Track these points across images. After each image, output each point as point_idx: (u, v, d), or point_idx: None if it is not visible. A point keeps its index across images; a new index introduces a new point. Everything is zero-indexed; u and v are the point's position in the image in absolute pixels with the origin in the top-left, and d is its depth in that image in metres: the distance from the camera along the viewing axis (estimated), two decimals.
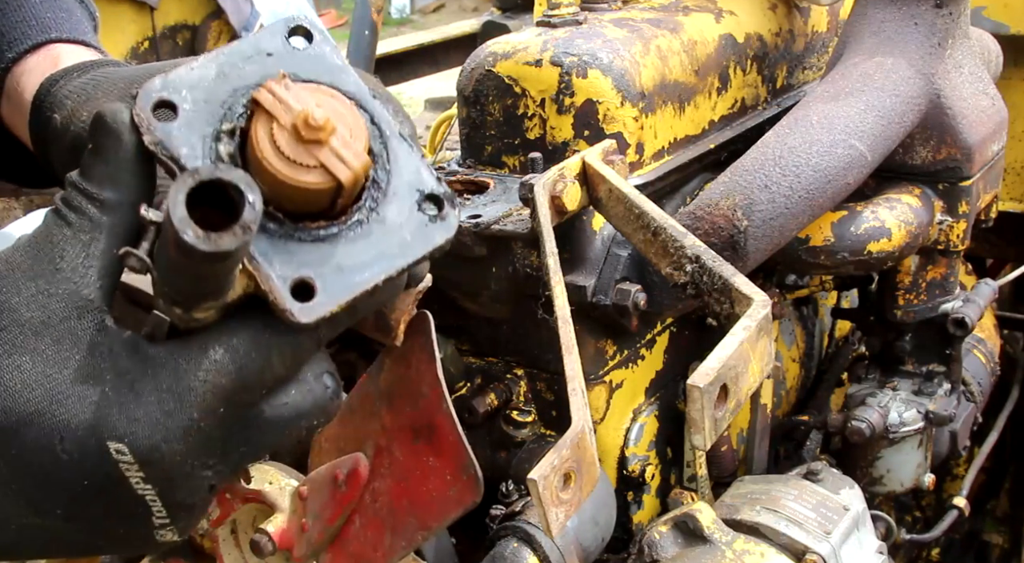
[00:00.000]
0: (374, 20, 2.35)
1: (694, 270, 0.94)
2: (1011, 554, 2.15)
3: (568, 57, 1.14)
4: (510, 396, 1.21)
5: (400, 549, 0.72)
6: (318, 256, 0.54)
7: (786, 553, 1.16)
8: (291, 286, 0.53)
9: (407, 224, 0.57)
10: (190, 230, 0.46)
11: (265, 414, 0.57)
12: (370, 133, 0.57)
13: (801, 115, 1.22)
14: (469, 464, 0.68)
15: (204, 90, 0.55)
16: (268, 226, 0.54)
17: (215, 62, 0.56)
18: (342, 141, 0.53)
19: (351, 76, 0.59)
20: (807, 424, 1.56)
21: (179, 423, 0.53)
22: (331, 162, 0.52)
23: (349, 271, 0.55)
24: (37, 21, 0.80)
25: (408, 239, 0.57)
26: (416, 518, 0.71)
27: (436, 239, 0.57)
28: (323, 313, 0.54)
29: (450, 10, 10.94)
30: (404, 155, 0.58)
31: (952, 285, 1.46)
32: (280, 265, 0.54)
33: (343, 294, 0.54)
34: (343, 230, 0.55)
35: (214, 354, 0.54)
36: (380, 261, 0.55)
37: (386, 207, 0.57)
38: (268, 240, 0.54)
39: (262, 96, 0.53)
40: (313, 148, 0.52)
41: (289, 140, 0.52)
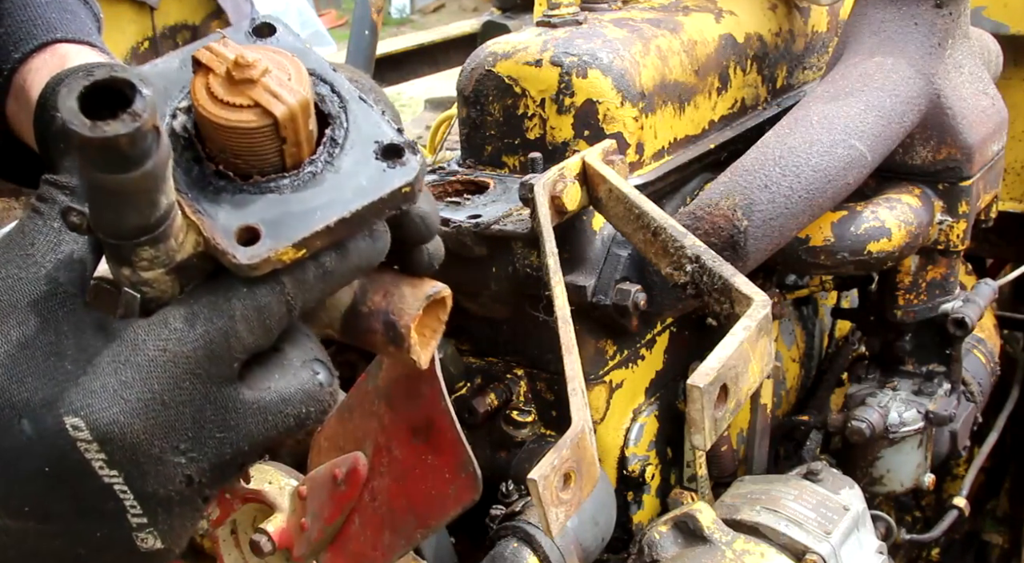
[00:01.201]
0: (374, 20, 2.35)
1: (694, 270, 0.94)
2: (1011, 554, 2.15)
3: (568, 57, 1.14)
4: (510, 396, 1.21)
5: (399, 548, 0.72)
6: (266, 205, 0.54)
7: (786, 553, 1.16)
8: (235, 233, 0.53)
9: (364, 171, 0.56)
10: (76, 120, 0.45)
11: (244, 396, 0.54)
12: (329, 99, 0.58)
13: (801, 115, 1.22)
14: (468, 462, 0.68)
15: (167, 78, 0.56)
16: (218, 183, 0.54)
17: (179, 56, 0.57)
18: (277, 80, 0.53)
19: (313, 57, 0.59)
20: (807, 424, 1.56)
21: (138, 395, 0.51)
22: (264, 98, 0.52)
23: (298, 216, 0.54)
24: (43, 21, 0.81)
25: (364, 184, 0.56)
26: (415, 517, 0.71)
27: (394, 182, 0.56)
28: (267, 254, 0.53)
29: (450, 10, 10.94)
30: (363, 113, 0.58)
31: (952, 285, 1.46)
32: (226, 216, 0.53)
33: (290, 237, 0.53)
34: (294, 180, 0.55)
35: (173, 322, 0.53)
36: (331, 206, 0.55)
37: (342, 159, 0.56)
38: (216, 195, 0.54)
39: (200, 54, 0.53)
40: (246, 87, 0.52)
41: (223, 84, 0.52)
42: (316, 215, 0.54)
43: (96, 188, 0.49)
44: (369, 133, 0.57)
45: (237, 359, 0.54)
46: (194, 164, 0.55)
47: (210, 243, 0.52)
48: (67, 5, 0.84)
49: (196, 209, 0.53)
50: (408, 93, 7.02)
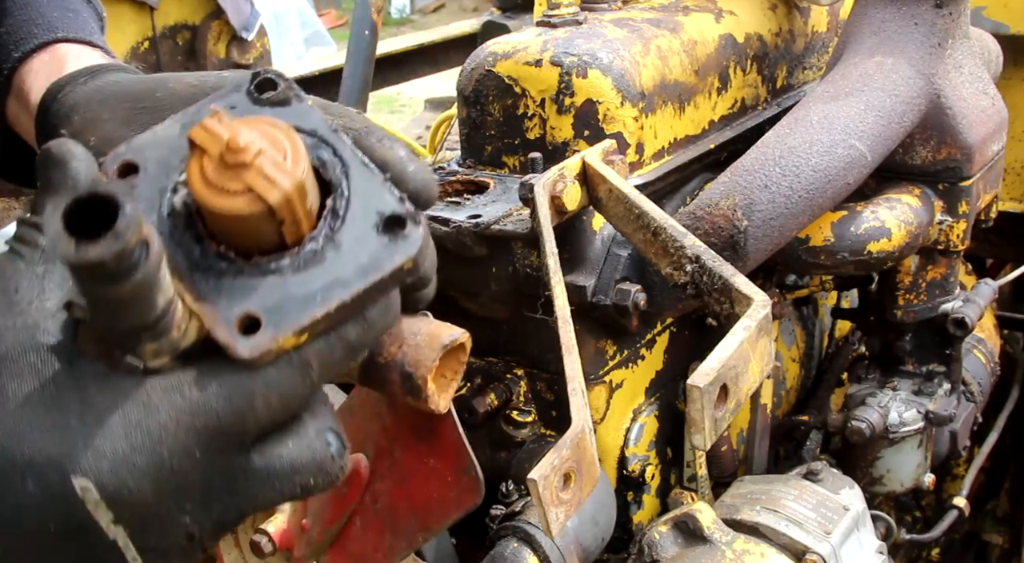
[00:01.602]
0: (374, 20, 2.34)
1: (694, 270, 0.94)
2: (1011, 554, 2.15)
3: (568, 57, 1.14)
4: (510, 396, 1.21)
5: (400, 550, 0.72)
6: (266, 289, 0.53)
7: (786, 553, 1.16)
8: (236, 321, 0.51)
9: (365, 247, 0.54)
10: (61, 242, 0.44)
11: (255, 464, 0.54)
12: (330, 165, 0.56)
13: (801, 115, 1.22)
14: (470, 465, 0.68)
15: (166, 148, 0.55)
16: (219, 265, 0.53)
17: (179, 121, 0.56)
18: (272, 162, 0.51)
19: (313, 115, 0.57)
20: (807, 424, 1.56)
21: (149, 460, 0.50)
22: (258, 183, 0.50)
23: (298, 301, 0.52)
24: (44, 20, 0.80)
25: (365, 262, 0.54)
26: (417, 519, 0.71)
27: (396, 260, 0.54)
28: (269, 346, 0.51)
29: (450, 10, 10.94)
30: (365, 180, 0.56)
31: (952, 285, 1.46)
32: (226, 302, 0.52)
33: (291, 325, 0.52)
34: (294, 260, 0.53)
35: (189, 392, 0.51)
36: (333, 288, 0.53)
37: (342, 233, 0.55)
38: (216, 280, 0.52)
39: (194, 133, 0.51)
40: (239, 172, 0.50)
41: (216, 168, 0.50)
42: (317, 299, 0.53)
43: (90, 297, 0.48)
44: (371, 202, 0.56)
45: (252, 435, 0.53)
46: (195, 244, 0.53)
47: (213, 335, 0.52)
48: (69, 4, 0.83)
49: (197, 296, 0.52)
50: (408, 93, 7.01)
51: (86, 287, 0.47)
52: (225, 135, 0.51)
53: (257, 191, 0.50)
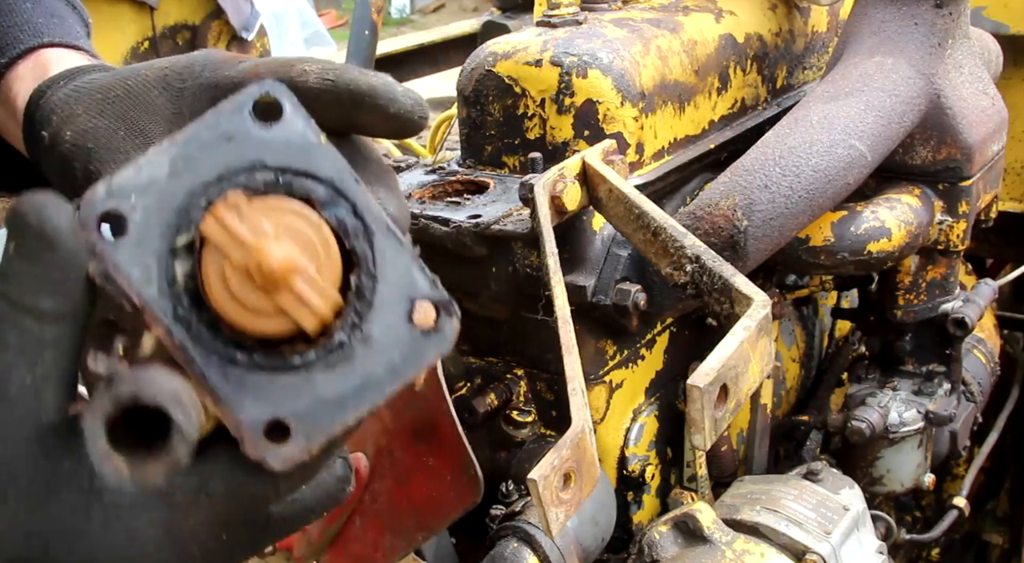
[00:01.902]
0: (374, 20, 2.34)
1: (694, 270, 0.94)
2: (1011, 554, 2.15)
3: (568, 57, 1.14)
4: (510, 396, 1.21)
5: (400, 549, 0.72)
6: (293, 389, 0.48)
7: (786, 553, 1.16)
8: (264, 428, 0.47)
9: (396, 342, 0.49)
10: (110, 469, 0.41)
11: (272, 519, 0.53)
12: (352, 229, 0.49)
13: (801, 115, 1.22)
14: (469, 465, 0.68)
15: (156, 194, 0.47)
16: (233, 355, 0.47)
17: (167, 155, 0.48)
18: (307, 280, 0.46)
19: (328, 157, 0.50)
20: (807, 424, 1.56)
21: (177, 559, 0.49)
22: (292, 307, 0.46)
23: (329, 405, 0.48)
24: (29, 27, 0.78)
25: (397, 360, 0.49)
26: (416, 518, 0.71)
27: (430, 356, 0.49)
28: (301, 457, 0.48)
29: (450, 10, 10.94)
30: (393, 254, 0.50)
31: (952, 285, 1.46)
32: (251, 405, 0.47)
33: (322, 433, 0.48)
34: (320, 354, 0.48)
35: (215, 490, 0.49)
36: (364, 390, 0.49)
37: (371, 322, 0.49)
38: (236, 375, 0.47)
39: (210, 229, 0.46)
40: (270, 293, 0.46)
41: (242, 283, 0.45)
42: (348, 404, 0.48)
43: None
44: (401, 284, 0.50)
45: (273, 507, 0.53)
46: (207, 329, 0.47)
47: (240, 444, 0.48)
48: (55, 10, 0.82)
49: (217, 399, 0.47)
50: None
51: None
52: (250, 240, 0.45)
53: (291, 316, 0.46)
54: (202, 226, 0.46)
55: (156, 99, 0.65)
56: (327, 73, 0.59)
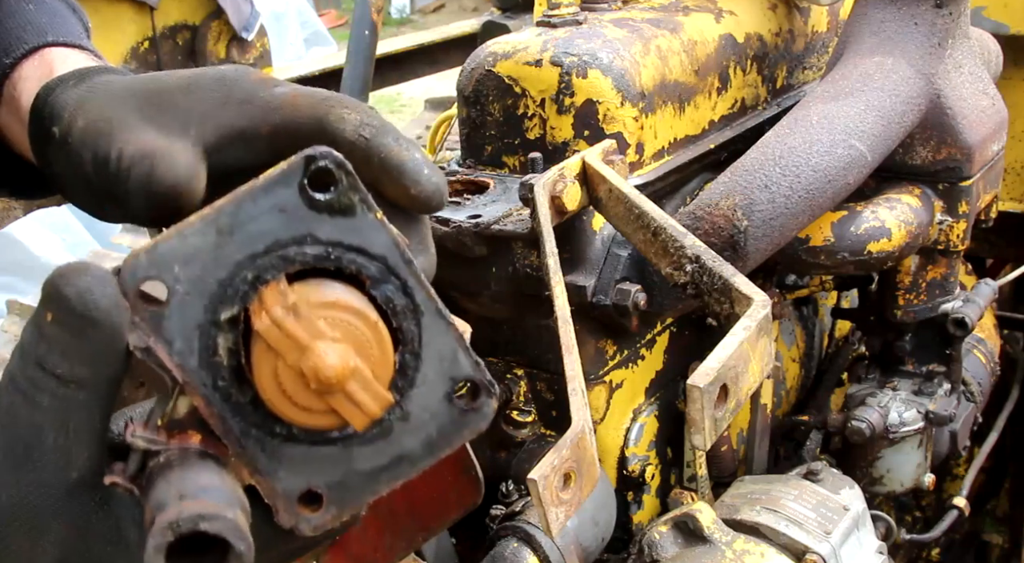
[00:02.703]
0: (374, 20, 2.34)
1: (694, 270, 0.94)
2: (1011, 554, 2.15)
3: (568, 57, 1.14)
4: (510, 396, 1.21)
5: (400, 550, 0.72)
6: (329, 461, 0.48)
7: (786, 553, 1.16)
8: (297, 496, 0.48)
9: (434, 420, 0.50)
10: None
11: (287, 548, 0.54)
12: (400, 308, 0.49)
13: (801, 115, 1.22)
14: (470, 465, 0.68)
15: (200, 265, 0.46)
16: (275, 430, 0.48)
17: (214, 225, 0.46)
18: (362, 382, 0.46)
19: (381, 233, 0.48)
20: (807, 424, 1.56)
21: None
22: (344, 408, 0.46)
23: (363, 477, 0.49)
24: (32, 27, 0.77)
25: (434, 437, 0.50)
26: (417, 519, 0.71)
27: (465, 434, 0.50)
28: (331, 525, 0.49)
29: (450, 10, 10.94)
30: (439, 335, 0.50)
31: (952, 285, 1.46)
32: (286, 475, 0.48)
33: (353, 503, 0.49)
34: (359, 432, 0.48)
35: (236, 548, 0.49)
36: (399, 465, 0.49)
37: (412, 400, 0.49)
38: (273, 446, 0.48)
39: (262, 325, 0.45)
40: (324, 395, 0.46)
41: (295, 383, 0.45)
42: (382, 478, 0.49)
43: None
44: (444, 365, 0.50)
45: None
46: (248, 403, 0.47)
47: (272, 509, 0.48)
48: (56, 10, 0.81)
49: (254, 470, 0.47)
50: (408, 93, 7.01)
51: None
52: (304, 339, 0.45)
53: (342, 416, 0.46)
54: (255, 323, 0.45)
55: (179, 101, 0.63)
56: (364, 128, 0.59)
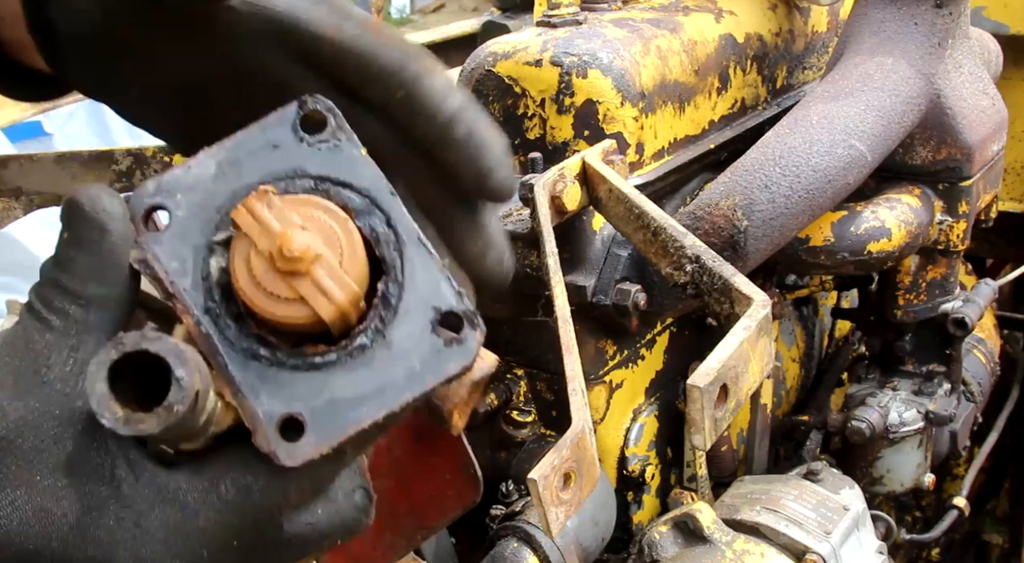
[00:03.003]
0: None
1: (694, 270, 0.94)
2: (1011, 554, 2.15)
3: (568, 57, 1.14)
4: (510, 396, 1.21)
5: (400, 548, 0.72)
6: (311, 387, 0.49)
7: (786, 553, 1.16)
8: (278, 423, 0.48)
9: (417, 349, 0.50)
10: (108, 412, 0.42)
11: (286, 536, 0.52)
12: (384, 238, 0.51)
13: (801, 115, 1.22)
14: (469, 464, 0.68)
15: (201, 193, 0.50)
16: (256, 350, 0.48)
17: (215, 158, 0.50)
18: (328, 270, 0.47)
19: (368, 170, 0.51)
20: (807, 424, 1.57)
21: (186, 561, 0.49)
22: (311, 295, 0.47)
23: (344, 406, 0.49)
24: None
25: (417, 368, 0.50)
26: (416, 517, 0.71)
27: (449, 368, 0.50)
28: (312, 456, 0.48)
29: (450, 10, 10.94)
30: (422, 264, 0.51)
31: (952, 285, 1.46)
32: (268, 398, 0.48)
33: (335, 434, 0.48)
34: (342, 356, 0.49)
35: (225, 492, 0.49)
36: (381, 395, 0.49)
37: (395, 328, 0.50)
38: (257, 369, 0.48)
39: (240, 217, 0.47)
40: (291, 279, 0.47)
41: (265, 268, 0.47)
42: (363, 408, 0.49)
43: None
44: (427, 294, 0.51)
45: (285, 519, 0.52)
46: (234, 323, 0.49)
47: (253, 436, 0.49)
48: None
49: (235, 390, 0.48)
50: None
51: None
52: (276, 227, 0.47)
53: (309, 303, 0.47)
54: (233, 214, 0.48)
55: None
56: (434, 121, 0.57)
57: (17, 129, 3.28)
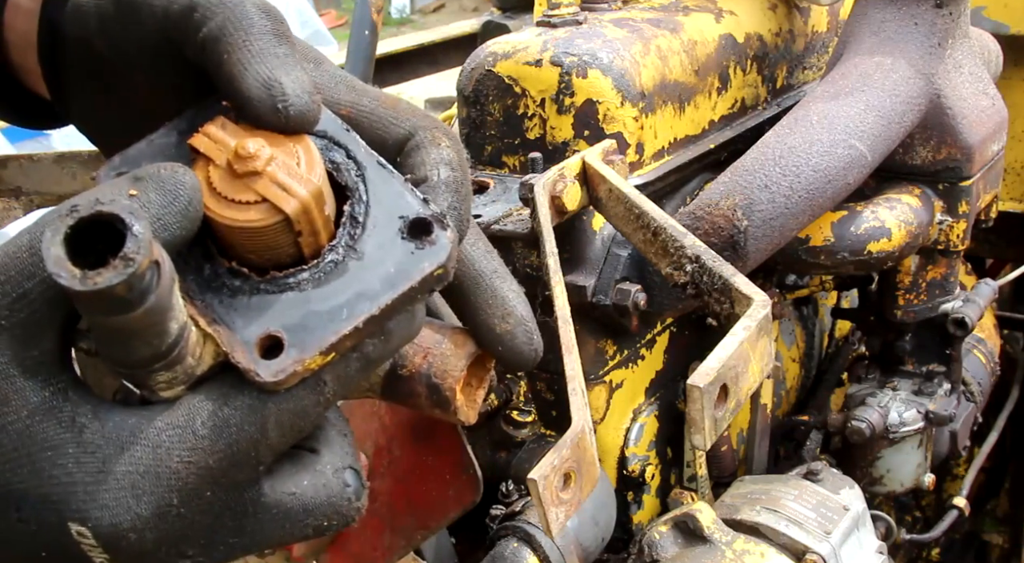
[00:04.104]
0: (374, 20, 2.34)
1: (694, 270, 0.94)
2: (1011, 554, 2.15)
3: (568, 57, 1.14)
4: (510, 396, 1.21)
5: (399, 548, 0.72)
6: (287, 307, 0.48)
7: (786, 553, 1.16)
8: (256, 343, 0.48)
9: (390, 256, 0.50)
10: (64, 272, 0.40)
11: (265, 499, 0.50)
12: (344, 167, 0.52)
13: (801, 115, 1.22)
14: (468, 464, 0.68)
15: (165, 158, 0.50)
16: (232, 283, 0.49)
17: (176, 128, 0.51)
18: (285, 169, 0.48)
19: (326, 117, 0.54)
20: (807, 424, 1.56)
21: (153, 509, 0.46)
22: (272, 192, 0.47)
23: (322, 318, 0.48)
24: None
25: (392, 271, 0.50)
26: (416, 518, 0.71)
27: (425, 267, 0.50)
28: (294, 369, 0.47)
29: (450, 10, 10.93)
30: (383, 182, 0.52)
31: (952, 285, 1.46)
32: (244, 322, 0.48)
33: (316, 344, 0.48)
34: (314, 273, 0.49)
35: (201, 428, 0.47)
36: (359, 301, 0.49)
37: (365, 241, 0.51)
38: (230, 299, 0.48)
39: (196, 141, 0.48)
40: (250, 181, 0.47)
41: (224, 178, 0.47)
42: (343, 314, 0.48)
43: (98, 327, 0.45)
44: (392, 207, 0.52)
45: (263, 464, 0.50)
46: (205, 262, 0.49)
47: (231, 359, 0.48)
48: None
49: (212, 319, 0.48)
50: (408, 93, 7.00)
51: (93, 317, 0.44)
52: (231, 142, 0.48)
53: (271, 201, 0.47)
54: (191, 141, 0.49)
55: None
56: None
57: (17, 129, 3.28)
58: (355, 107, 0.57)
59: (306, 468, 0.52)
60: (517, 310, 0.60)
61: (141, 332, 0.44)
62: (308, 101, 0.51)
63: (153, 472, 0.46)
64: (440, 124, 0.58)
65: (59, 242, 0.41)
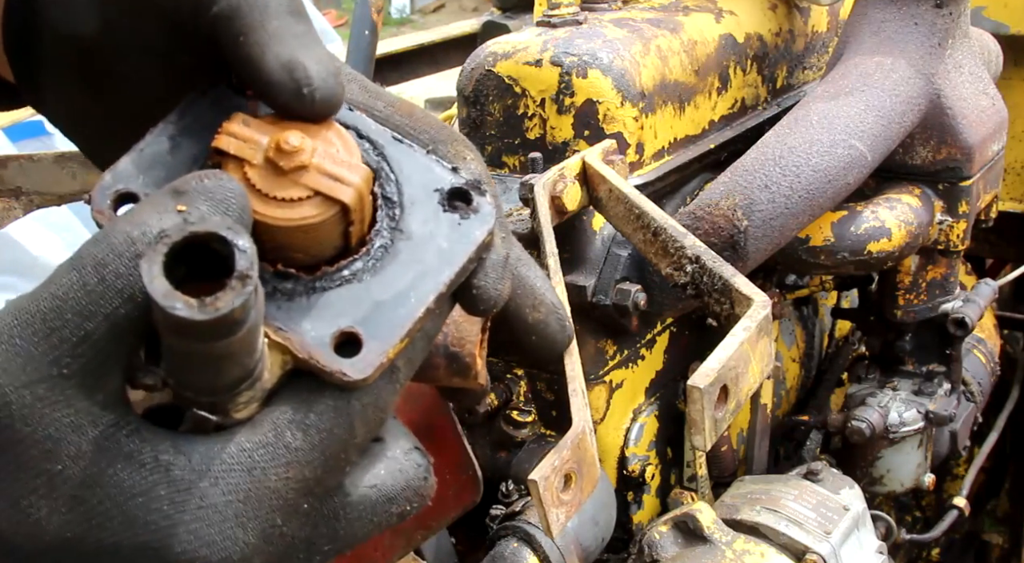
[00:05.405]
0: (374, 20, 2.34)
1: (694, 270, 0.94)
2: (1011, 554, 2.15)
3: (568, 57, 1.14)
4: (510, 396, 1.21)
5: (399, 548, 0.72)
6: (350, 300, 0.46)
7: (786, 553, 1.16)
8: (334, 344, 0.45)
9: (438, 231, 0.49)
10: (179, 303, 0.37)
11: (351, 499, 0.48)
12: (361, 148, 0.49)
13: (801, 115, 1.22)
14: (469, 464, 0.68)
15: (162, 167, 0.47)
16: (284, 286, 0.46)
17: (165, 133, 0.48)
18: (330, 157, 0.45)
19: None
20: (807, 424, 1.56)
21: (259, 534, 0.44)
22: (325, 184, 0.45)
23: (392, 304, 0.46)
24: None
25: (445, 247, 0.48)
26: (415, 517, 0.71)
27: (476, 235, 0.49)
28: (380, 361, 0.46)
29: (450, 10, 10.94)
30: (406, 157, 0.50)
31: (952, 285, 1.46)
32: (312, 324, 0.45)
33: (395, 332, 0.46)
34: (367, 261, 0.47)
35: (292, 439, 0.45)
36: (423, 280, 0.47)
37: (408, 220, 0.49)
38: (288, 303, 0.46)
39: (223, 142, 0.46)
40: (298, 176, 0.45)
41: (267, 177, 0.45)
42: (410, 298, 0.47)
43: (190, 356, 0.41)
44: (422, 180, 0.50)
45: (352, 464, 0.48)
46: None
47: (308, 363, 0.45)
48: None
49: (276, 327, 0.45)
50: (408, 93, 7.00)
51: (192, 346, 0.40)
52: (263, 139, 0.45)
53: (325, 193, 0.45)
54: (215, 143, 0.46)
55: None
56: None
57: (17, 129, 3.28)
58: (368, 110, 0.55)
59: (379, 458, 0.50)
60: (547, 297, 0.59)
61: (238, 353, 0.42)
62: (334, 84, 0.47)
63: (254, 496, 0.44)
64: (460, 137, 0.56)
65: (160, 273, 0.38)
